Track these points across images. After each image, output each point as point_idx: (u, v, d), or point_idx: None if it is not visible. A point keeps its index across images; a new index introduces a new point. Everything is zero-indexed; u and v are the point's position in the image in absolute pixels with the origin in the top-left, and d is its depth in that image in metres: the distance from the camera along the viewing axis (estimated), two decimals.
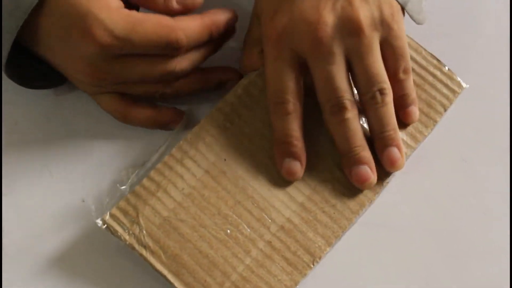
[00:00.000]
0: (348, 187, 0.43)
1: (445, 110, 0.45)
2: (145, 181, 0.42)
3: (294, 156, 0.42)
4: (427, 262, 0.42)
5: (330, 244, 0.41)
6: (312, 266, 0.41)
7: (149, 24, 0.40)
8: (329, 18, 0.40)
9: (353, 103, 0.42)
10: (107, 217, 0.41)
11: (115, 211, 0.42)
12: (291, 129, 0.42)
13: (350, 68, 0.42)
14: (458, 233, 0.43)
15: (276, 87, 0.42)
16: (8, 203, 0.44)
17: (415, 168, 0.44)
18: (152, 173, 0.42)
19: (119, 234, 0.41)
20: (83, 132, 0.46)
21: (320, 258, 0.41)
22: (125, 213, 0.42)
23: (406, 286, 0.42)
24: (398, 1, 0.42)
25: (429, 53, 0.46)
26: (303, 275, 0.41)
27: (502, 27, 0.50)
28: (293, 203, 0.42)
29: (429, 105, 0.45)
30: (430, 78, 0.46)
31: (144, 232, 0.41)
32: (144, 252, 0.41)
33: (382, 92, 0.41)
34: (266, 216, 0.42)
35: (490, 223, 0.43)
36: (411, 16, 0.44)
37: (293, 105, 0.42)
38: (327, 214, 0.42)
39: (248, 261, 0.41)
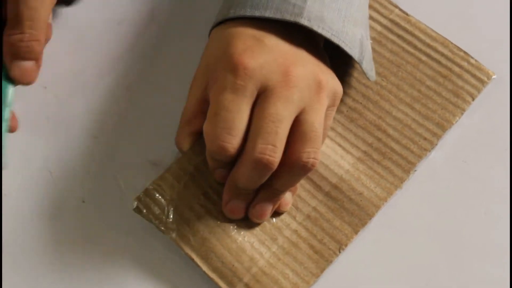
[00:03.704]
0: (374, 176, 0.43)
1: (473, 99, 0.46)
2: (174, 166, 0.43)
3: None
4: (427, 263, 0.42)
5: (356, 232, 0.42)
6: (338, 253, 0.41)
7: None
8: (297, 71, 0.39)
9: None
10: (136, 201, 0.42)
11: (144, 194, 0.42)
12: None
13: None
14: (459, 234, 0.43)
15: (225, 124, 0.38)
16: (8, 203, 0.44)
17: (416, 170, 0.44)
18: (182, 158, 0.43)
19: (149, 216, 0.42)
20: (83, 132, 0.46)
21: (346, 245, 0.42)
22: (154, 195, 0.42)
23: (406, 286, 0.42)
24: (355, 59, 0.42)
25: (455, 45, 0.48)
26: (329, 262, 0.41)
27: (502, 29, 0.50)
28: (319, 193, 0.43)
29: (456, 95, 0.46)
30: (457, 69, 0.47)
31: (174, 214, 0.42)
32: (173, 235, 0.41)
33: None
34: (292, 206, 0.43)
35: (491, 224, 0.43)
36: (366, 73, 0.43)
37: (235, 151, 0.39)
38: (354, 202, 0.43)
39: (274, 248, 0.41)
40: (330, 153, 0.44)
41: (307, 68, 0.40)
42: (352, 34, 0.42)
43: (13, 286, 0.41)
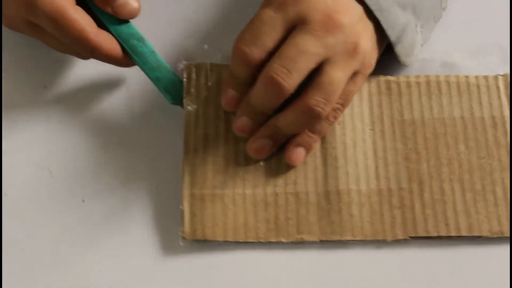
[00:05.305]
0: (375, 213, 0.42)
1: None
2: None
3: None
4: (427, 263, 0.42)
5: (319, 239, 0.41)
6: (288, 239, 0.41)
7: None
8: (342, 21, 0.40)
9: None
10: (184, 66, 0.45)
11: (196, 65, 0.45)
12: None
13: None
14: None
15: (254, 33, 0.40)
16: (8, 203, 0.44)
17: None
18: None
19: (187, 81, 0.45)
20: (83, 132, 0.46)
21: (301, 240, 0.41)
22: (201, 72, 0.45)
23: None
24: (390, 40, 0.43)
25: None
26: (277, 240, 0.41)
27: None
28: (322, 186, 0.42)
29: (495, 219, 0.42)
30: None
31: (203, 100, 0.44)
32: (188, 108, 0.44)
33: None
34: (293, 175, 0.43)
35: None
36: (398, 56, 0.44)
37: (254, 62, 0.40)
38: (340, 216, 0.42)
39: (248, 191, 0.42)
40: (361, 167, 0.43)
41: (353, 25, 0.40)
42: (396, 15, 0.42)
43: (13, 286, 0.41)
